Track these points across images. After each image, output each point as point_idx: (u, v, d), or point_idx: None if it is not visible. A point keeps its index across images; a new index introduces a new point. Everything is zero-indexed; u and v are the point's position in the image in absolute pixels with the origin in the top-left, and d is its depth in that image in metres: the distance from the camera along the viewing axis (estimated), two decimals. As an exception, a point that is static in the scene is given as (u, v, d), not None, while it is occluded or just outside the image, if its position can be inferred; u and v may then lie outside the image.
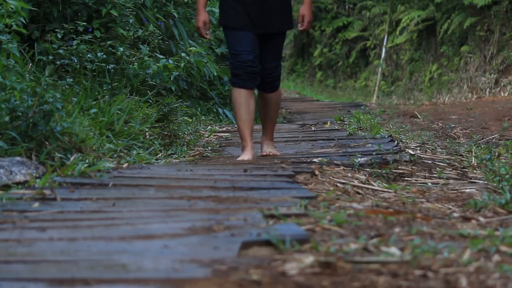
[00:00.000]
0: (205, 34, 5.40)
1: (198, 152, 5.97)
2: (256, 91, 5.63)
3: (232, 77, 5.40)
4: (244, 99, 5.36)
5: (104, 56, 6.50)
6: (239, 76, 5.35)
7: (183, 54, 7.90)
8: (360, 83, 18.79)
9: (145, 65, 6.90)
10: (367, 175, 4.59)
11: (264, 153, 5.56)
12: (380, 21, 18.85)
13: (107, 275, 2.26)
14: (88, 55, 6.41)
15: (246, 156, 5.30)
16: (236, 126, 8.37)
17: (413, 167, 4.95)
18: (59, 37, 6.48)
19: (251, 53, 5.34)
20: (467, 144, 6.83)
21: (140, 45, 7.29)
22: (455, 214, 3.47)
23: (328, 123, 8.46)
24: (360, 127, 7.68)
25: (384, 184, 4.42)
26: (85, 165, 4.18)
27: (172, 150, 5.78)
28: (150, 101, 6.46)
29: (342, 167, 4.72)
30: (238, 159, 5.32)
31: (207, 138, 7.05)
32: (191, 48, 8.09)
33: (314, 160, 4.97)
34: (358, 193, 4.02)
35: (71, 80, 5.75)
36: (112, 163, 4.56)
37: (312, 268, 2.35)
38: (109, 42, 6.64)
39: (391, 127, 8.27)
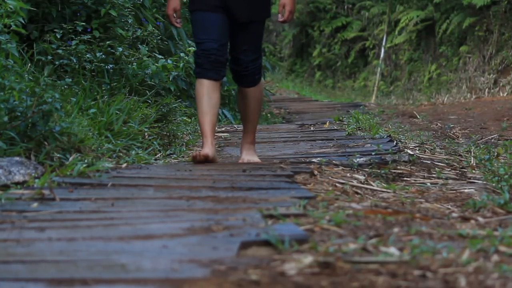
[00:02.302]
0: (176, 22, 4.99)
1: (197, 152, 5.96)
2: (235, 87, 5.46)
3: (195, 67, 4.98)
4: (206, 91, 4.90)
5: (103, 56, 6.50)
6: (202, 66, 4.91)
7: (182, 54, 7.90)
8: (359, 83, 18.80)
9: (144, 65, 6.90)
10: (366, 175, 4.59)
11: (240, 161, 5.07)
12: (379, 21, 18.86)
13: (106, 275, 2.26)
14: (87, 55, 6.41)
15: (203, 150, 4.87)
16: (234, 126, 8.39)
17: (412, 167, 4.95)
18: (58, 37, 6.48)
19: (216, 41, 4.90)
20: (466, 144, 6.83)
21: (139, 45, 7.29)
22: (454, 214, 3.47)
23: (327, 123, 8.46)
24: (359, 127, 7.68)
25: (383, 184, 4.42)
26: (84, 165, 4.18)
27: (171, 150, 5.78)
28: (149, 101, 6.46)
29: (341, 167, 4.72)
30: (193, 154, 4.97)
31: (206, 138, 7.03)
32: (190, 48, 8.09)
33: (313, 160, 4.97)
34: (357, 193, 4.02)
35: (70, 80, 5.75)
36: (111, 163, 4.56)
37: (311, 268, 2.35)
38: (108, 42, 6.64)
39: (390, 127, 8.28)
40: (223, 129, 7.97)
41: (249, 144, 5.14)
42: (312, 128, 8.12)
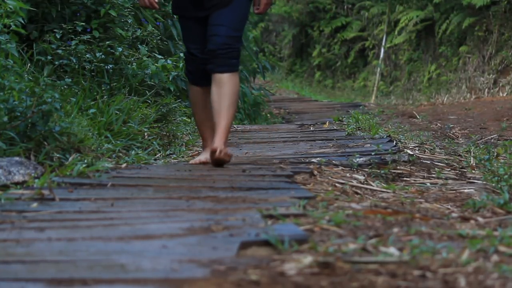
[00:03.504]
0: (154, 2, 4.79)
1: (196, 152, 5.96)
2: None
3: (187, 72, 4.97)
4: (200, 97, 4.93)
5: (103, 56, 6.50)
6: (193, 74, 4.90)
7: (181, 54, 7.89)
8: (358, 83, 18.80)
9: (143, 65, 6.89)
10: (365, 175, 4.59)
11: (216, 156, 4.62)
12: (378, 21, 18.86)
13: (106, 275, 2.26)
14: (87, 55, 6.41)
15: (203, 156, 4.90)
16: (234, 126, 8.38)
17: (412, 167, 4.95)
18: (58, 37, 6.48)
19: (200, 49, 4.81)
20: (465, 144, 6.83)
21: (139, 45, 7.29)
22: (454, 214, 3.47)
23: (326, 123, 8.47)
24: (359, 127, 7.68)
25: (383, 184, 4.42)
26: (84, 165, 4.18)
27: (170, 150, 5.77)
28: (149, 101, 6.45)
29: (340, 167, 4.72)
30: (192, 161, 4.91)
31: (205, 138, 7.03)
32: (189, 48, 8.08)
33: (313, 160, 4.97)
34: (357, 193, 4.02)
35: (70, 80, 5.75)
36: (111, 163, 4.56)
37: (311, 268, 2.35)
38: (107, 42, 6.63)
39: (390, 127, 8.28)
40: (222, 129, 7.95)
41: (222, 143, 4.66)
42: (311, 128, 8.12)
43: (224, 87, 4.70)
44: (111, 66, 6.53)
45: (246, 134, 7.63)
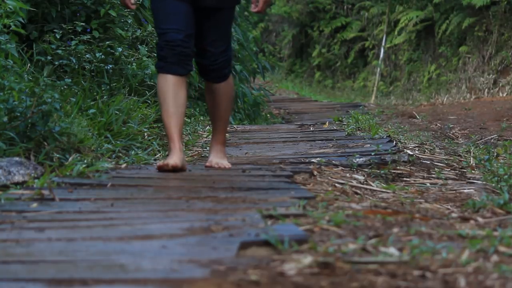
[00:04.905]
0: (130, 4, 4.54)
1: (196, 152, 5.96)
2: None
3: (158, 60, 4.50)
4: (171, 88, 4.45)
5: (103, 56, 6.50)
6: (165, 59, 4.44)
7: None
8: (358, 83, 18.80)
9: (143, 65, 6.89)
10: (365, 176, 4.59)
11: (208, 164, 4.68)
12: (378, 22, 18.86)
13: (106, 276, 2.26)
14: (87, 56, 6.41)
15: (172, 160, 4.36)
16: (234, 126, 8.38)
17: (412, 167, 4.95)
18: (58, 37, 6.48)
19: (181, 31, 4.44)
20: (465, 144, 6.83)
21: (139, 45, 7.29)
22: (454, 215, 3.47)
23: (326, 124, 8.47)
24: (359, 127, 7.68)
25: (383, 184, 4.42)
26: (84, 166, 4.18)
27: (170, 151, 5.76)
28: (149, 102, 6.46)
29: (340, 168, 4.72)
30: (159, 164, 4.40)
31: (205, 139, 7.04)
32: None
33: (313, 160, 4.97)
34: (357, 193, 4.02)
35: (70, 80, 5.75)
36: (111, 164, 4.56)
37: (311, 269, 2.35)
38: (107, 42, 6.63)
39: (390, 127, 8.28)
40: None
41: (219, 145, 4.73)
42: (311, 129, 8.12)
43: (220, 96, 4.70)
44: (111, 66, 6.53)
45: (246, 134, 7.63)
